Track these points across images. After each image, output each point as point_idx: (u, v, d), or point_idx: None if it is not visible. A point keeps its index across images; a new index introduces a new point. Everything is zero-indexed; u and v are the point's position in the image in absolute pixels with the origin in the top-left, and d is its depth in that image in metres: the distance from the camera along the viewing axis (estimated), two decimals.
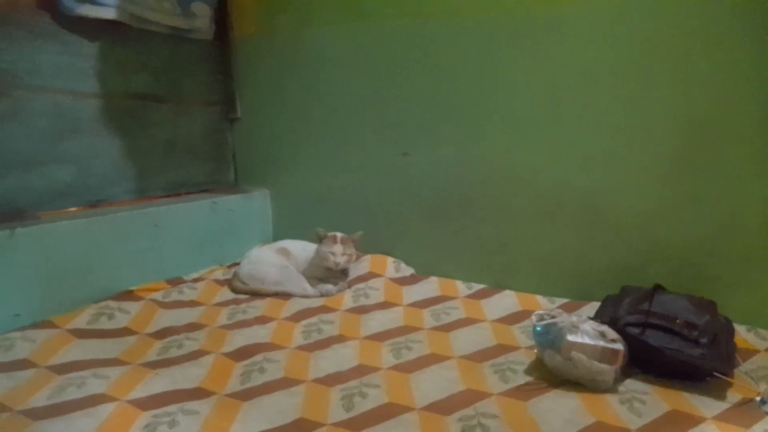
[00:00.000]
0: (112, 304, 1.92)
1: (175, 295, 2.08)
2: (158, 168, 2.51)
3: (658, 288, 1.63)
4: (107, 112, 2.26)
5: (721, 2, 1.74)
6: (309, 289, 2.16)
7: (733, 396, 1.36)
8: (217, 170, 2.83)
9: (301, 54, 2.61)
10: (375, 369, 1.55)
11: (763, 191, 1.75)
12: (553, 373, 1.46)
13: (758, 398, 1.30)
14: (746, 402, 1.32)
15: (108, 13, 2.12)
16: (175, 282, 2.21)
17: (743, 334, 1.66)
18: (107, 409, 1.29)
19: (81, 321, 1.78)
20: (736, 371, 1.45)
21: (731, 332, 1.57)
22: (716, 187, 1.83)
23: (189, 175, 2.66)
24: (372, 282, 2.23)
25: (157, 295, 2.05)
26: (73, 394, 1.36)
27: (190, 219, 2.45)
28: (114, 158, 2.30)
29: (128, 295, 2.01)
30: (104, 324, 1.80)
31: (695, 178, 1.86)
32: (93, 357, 1.57)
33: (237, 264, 2.35)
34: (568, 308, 1.93)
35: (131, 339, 1.73)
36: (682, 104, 1.85)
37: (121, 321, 1.84)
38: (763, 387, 1.35)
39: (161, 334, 1.77)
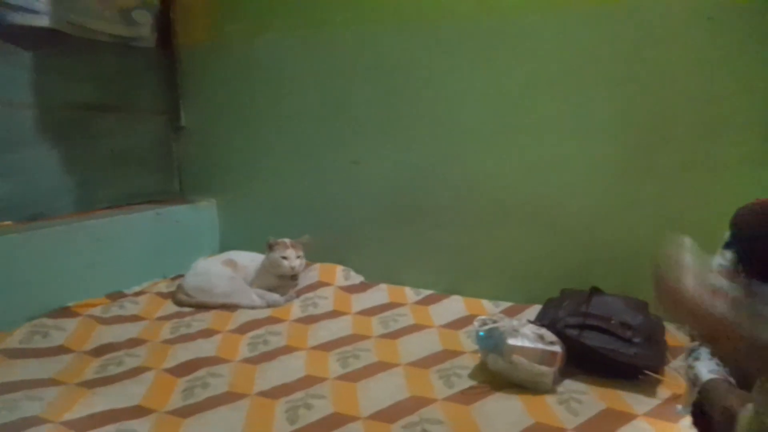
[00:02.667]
0: (48, 321, 1.84)
1: (115, 310, 2.02)
2: (103, 179, 2.44)
3: (595, 290, 1.69)
4: (48, 122, 2.18)
5: (660, 14, 1.82)
6: (256, 300, 2.14)
7: (663, 392, 1.42)
8: (163, 180, 2.77)
9: (251, 62, 2.58)
10: (322, 379, 1.54)
11: (698, 193, 1.84)
12: (496, 376, 1.49)
13: (678, 407, 1.36)
14: (676, 398, 1.38)
15: (41, 21, 2.06)
16: (116, 296, 2.15)
17: (674, 333, 1.73)
18: None
19: (13, 340, 1.71)
20: (666, 368, 1.51)
21: (662, 331, 1.64)
22: (654, 191, 1.91)
23: (134, 186, 2.59)
24: (321, 291, 2.22)
25: (96, 311, 1.99)
26: (4, 417, 1.29)
27: (134, 231, 2.38)
28: (56, 170, 2.23)
29: (65, 312, 1.94)
30: (38, 343, 1.73)
31: (635, 183, 1.94)
32: (26, 378, 1.50)
33: (182, 276, 2.30)
34: (512, 312, 1.98)
35: (67, 357, 1.67)
36: (623, 112, 1.92)
37: (56, 339, 1.77)
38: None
39: (99, 351, 1.71)
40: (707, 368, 0.75)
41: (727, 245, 0.80)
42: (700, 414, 0.76)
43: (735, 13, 1.71)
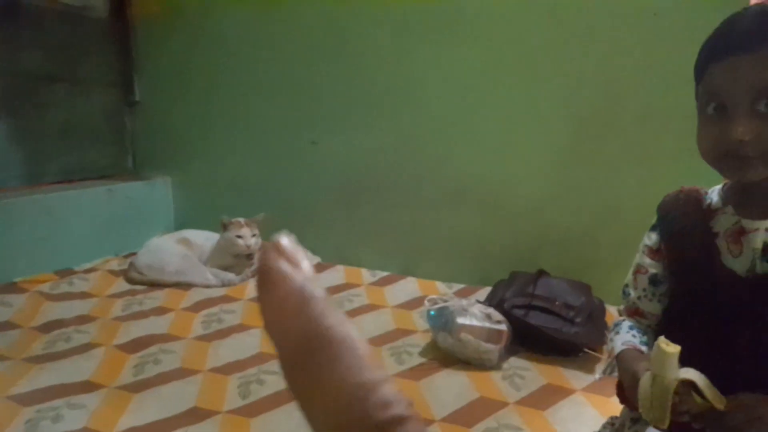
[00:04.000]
0: None
1: (64, 287, 1.98)
2: (52, 152, 2.36)
3: (542, 273, 1.76)
4: None
5: (608, 8, 1.88)
6: (211, 278, 2.13)
7: (601, 369, 1.50)
8: (115, 155, 2.70)
9: (208, 36, 2.54)
10: (275, 356, 1.55)
11: (638, 181, 1.93)
12: (446, 353, 1.55)
13: (596, 375, 1.45)
14: (610, 375, 1.47)
15: None
16: (65, 273, 2.10)
17: (615, 314, 1.82)
18: None
19: None
20: (605, 347, 1.60)
21: (603, 312, 1.73)
22: (598, 178, 1.99)
23: (85, 160, 2.52)
24: None
25: (44, 287, 1.95)
26: None
27: (85, 206, 2.33)
28: (2, 141, 2.14)
29: (12, 288, 1.90)
30: None
31: (580, 169, 2.01)
32: None
33: (134, 254, 2.26)
34: (464, 293, 2.04)
35: (14, 333, 1.64)
36: (571, 101, 1.99)
37: (3, 314, 1.73)
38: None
39: (47, 327, 1.68)
40: (621, 341, 0.81)
41: (653, 228, 0.86)
42: (621, 385, 0.81)
43: (680, 10, 1.78)
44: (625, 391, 0.77)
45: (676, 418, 0.65)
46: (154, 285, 2.08)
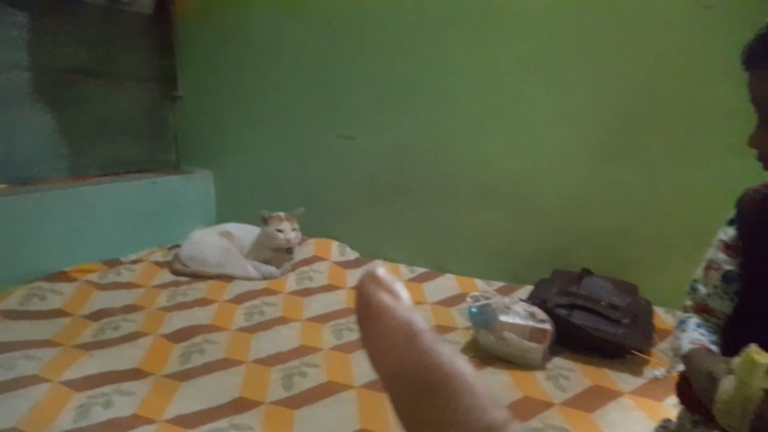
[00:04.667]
0: (45, 285, 1.86)
1: (112, 277, 2.03)
2: (93, 146, 2.42)
3: (585, 272, 1.73)
4: (36, 85, 2.15)
5: (647, 2, 1.83)
6: (251, 271, 2.16)
7: (650, 372, 1.46)
8: (158, 149, 2.75)
9: (245, 33, 2.56)
10: (316, 350, 1.57)
11: (679, 179, 1.87)
12: (486, 351, 1.53)
13: (655, 371, 1.41)
14: (661, 377, 1.43)
15: None
16: (113, 263, 2.16)
17: (662, 315, 1.77)
18: (40, 390, 1.26)
19: (11, 302, 1.72)
20: (653, 349, 1.56)
21: (650, 313, 1.69)
22: (637, 175, 1.94)
23: (126, 153, 2.58)
24: (316, 265, 2.24)
25: (93, 277, 2.00)
26: (3, 375, 1.32)
27: (128, 199, 2.38)
28: (44, 134, 2.20)
29: (62, 276, 1.95)
30: (36, 305, 1.74)
31: (617, 166, 1.96)
32: (24, 338, 1.52)
33: (178, 246, 2.31)
34: (505, 291, 2.01)
35: (65, 320, 1.69)
36: (607, 95, 1.94)
37: (54, 302, 1.78)
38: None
39: (97, 315, 1.73)
40: (689, 339, 0.78)
41: (731, 222, 0.82)
42: (684, 386, 0.79)
43: (734, 2, 1.72)
44: (697, 392, 0.74)
45: (755, 426, 0.62)
46: (197, 276, 2.11)
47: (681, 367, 0.81)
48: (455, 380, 0.25)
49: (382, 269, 0.28)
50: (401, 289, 0.28)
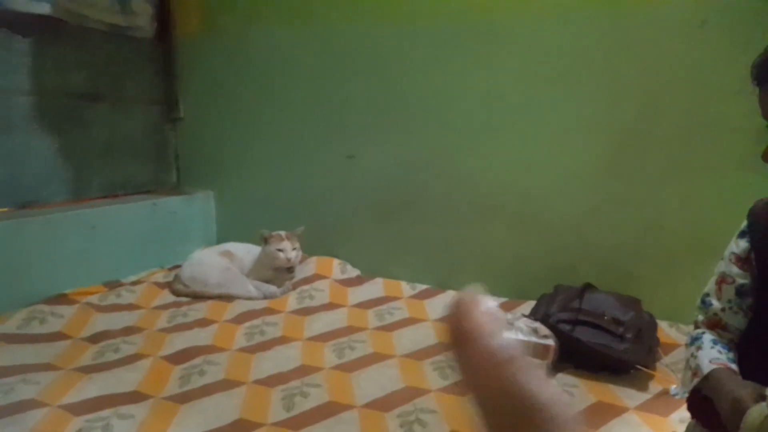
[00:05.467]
0: (45, 308, 1.85)
1: (112, 299, 2.03)
2: (96, 168, 2.43)
3: (588, 287, 1.72)
4: (41, 109, 2.18)
5: (653, 17, 1.85)
6: (252, 291, 2.15)
7: (655, 387, 1.44)
8: (159, 171, 2.77)
9: (246, 54, 2.59)
10: (317, 369, 1.56)
11: (682, 195, 1.87)
12: None
13: (672, 387, 1.39)
14: (666, 392, 1.41)
15: (42, 8, 2.05)
16: (113, 285, 2.15)
17: (666, 330, 1.76)
18: (37, 415, 1.25)
19: (10, 326, 1.72)
20: (657, 364, 1.54)
21: (654, 327, 1.67)
22: (640, 191, 1.94)
23: (128, 176, 2.59)
24: (317, 284, 2.23)
25: (93, 299, 1.99)
26: (0, 400, 1.30)
27: (129, 221, 2.39)
28: (48, 158, 2.22)
29: (62, 299, 1.95)
30: (35, 328, 1.73)
31: (621, 183, 1.97)
32: (22, 362, 1.51)
33: (179, 266, 2.30)
34: (506, 307, 2.00)
35: (64, 344, 1.68)
36: (610, 113, 1.95)
37: (53, 325, 1.77)
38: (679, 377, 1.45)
39: (96, 338, 1.72)
40: (708, 357, 0.76)
41: (742, 234, 0.81)
42: (698, 400, 0.77)
43: (729, 18, 1.73)
44: (721, 415, 0.71)
45: None
46: (198, 297, 2.10)
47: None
48: (551, 409, 0.25)
49: (470, 295, 0.28)
50: (492, 313, 0.28)
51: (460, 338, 0.27)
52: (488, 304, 0.28)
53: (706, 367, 0.75)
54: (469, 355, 0.26)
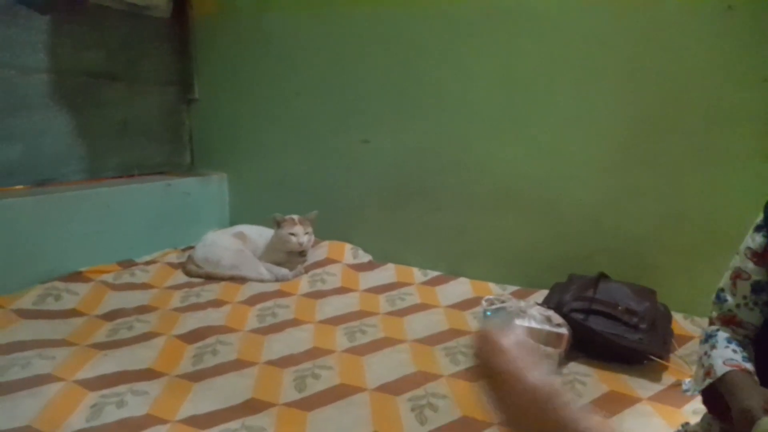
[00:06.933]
0: (60, 285, 1.87)
1: (126, 278, 2.04)
2: (111, 148, 2.44)
3: (602, 276, 1.70)
4: (57, 88, 2.18)
5: (671, 4, 1.81)
6: (264, 273, 2.16)
7: (668, 378, 1.43)
8: (173, 152, 2.77)
9: (262, 36, 2.57)
10: (329, 352, 1.56)
11: (702, 186, 1.84)
12: None
13: (684, 381, 1.37)
14: (679, 384, 1.40)
15: None
16: (127, 264, 2.17)
17: (680, 322, 1.74)
18: (53, 389, 1.26)
19: (26, 301, 1.74)
20: (671, 355, 1.53)
21: (669, 319, 1.65)
22: (659, 181, 1.91)
23: (143, 156, 2.60)
24: (329, 268, 2.23)
25: (108, 277, 2.01)
26: (17, 374, 1.33)
27: (144, 201, 2.40)
28: (64, 136, 2.23)
29: (77, 277, 1.97)
30: (51, 305, 1.75)
31: (640, 172, 1.94)
32: (38, 337, 1.53)
33: (192, 248, 2.32)
34: (519, 295, 1.99)
35: (79, 320, 1.69)
36: (630, 100, 1.92)
37: (68, 302, 1.79)
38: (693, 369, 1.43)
39: (111, 315, 1.74)
40: (723, 358, 0.74)
41: (758, 228, 0.79)
42: (712, 394, 0.76)
43: (755, 3, 1.69)
44: (735, 423, 0.70)
45: None
46: (211, 278, 2.12)
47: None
48: None
49: (493, 330, 0.27)
50: (523, 343, 0.27)
51: (494, 378, 0.26)
52: (516, 332, 0.27)
53: (720, 369, 0.73)
54: (508, 395, 0.25)
